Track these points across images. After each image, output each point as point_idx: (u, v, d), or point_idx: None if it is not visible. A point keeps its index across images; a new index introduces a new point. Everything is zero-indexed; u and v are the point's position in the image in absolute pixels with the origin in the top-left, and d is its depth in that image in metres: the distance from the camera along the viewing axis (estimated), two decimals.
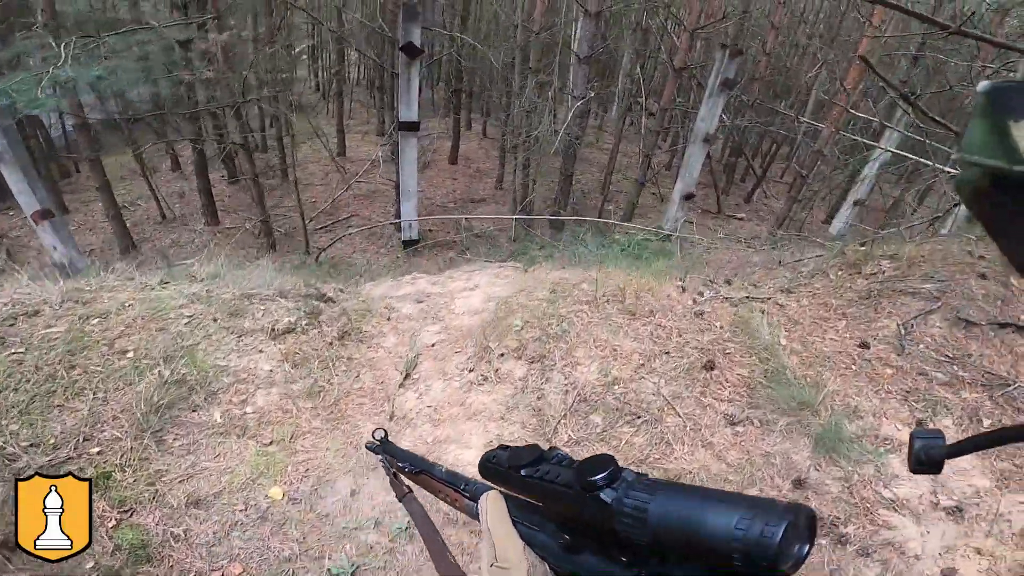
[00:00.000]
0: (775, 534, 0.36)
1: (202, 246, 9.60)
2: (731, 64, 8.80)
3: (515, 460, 0.60)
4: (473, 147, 15.17)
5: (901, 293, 3.99)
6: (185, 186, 11.31)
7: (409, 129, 8.79)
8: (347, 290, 4.71)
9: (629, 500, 0.44)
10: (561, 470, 0.55)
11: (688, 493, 0.42)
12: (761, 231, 12.49)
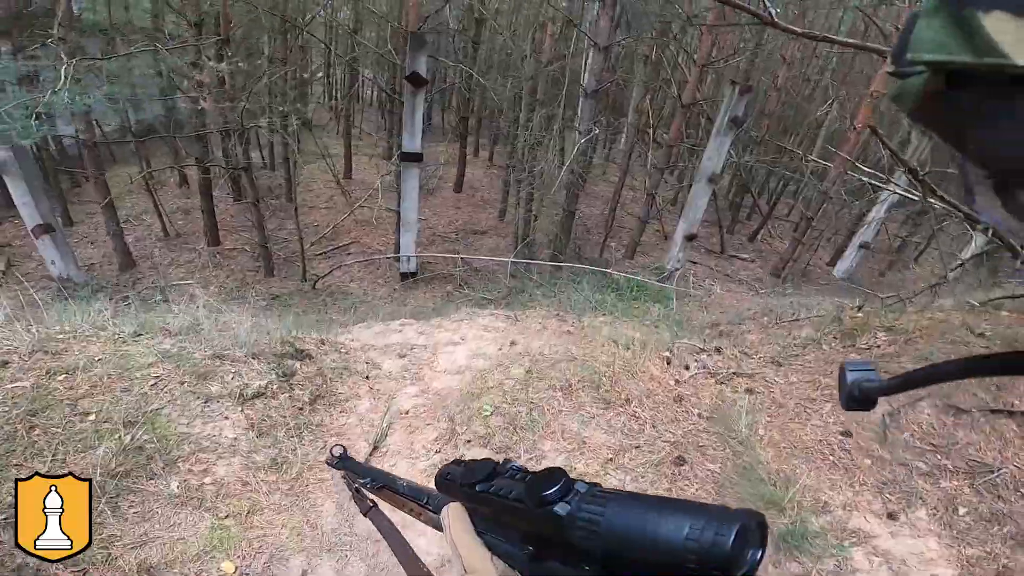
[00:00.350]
0: (727, 539, 0.36)
1: (201, 266, 9.59)
2: (741, 101, 8.71)
3: (468, 476, 0.60)
4: (479, 174, 15.15)
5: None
6: (190, 203, 11.35)
7: (411, 160, 8.75)
8: (328, 342, 4.60)
9: (583, 513, 0.44)
10: (514, 484, 0.54)
11: (641, 502, 0.42)
12: (764, 273, 12.36)
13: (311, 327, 6.57)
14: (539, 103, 9.62)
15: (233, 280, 9.19)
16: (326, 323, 6.91)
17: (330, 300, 8.69)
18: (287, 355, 3.84)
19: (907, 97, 0.31)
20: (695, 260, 12.16)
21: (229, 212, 11.34)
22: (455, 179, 14.01)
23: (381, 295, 9.19)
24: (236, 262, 9.75)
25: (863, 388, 0.45)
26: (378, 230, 11.65)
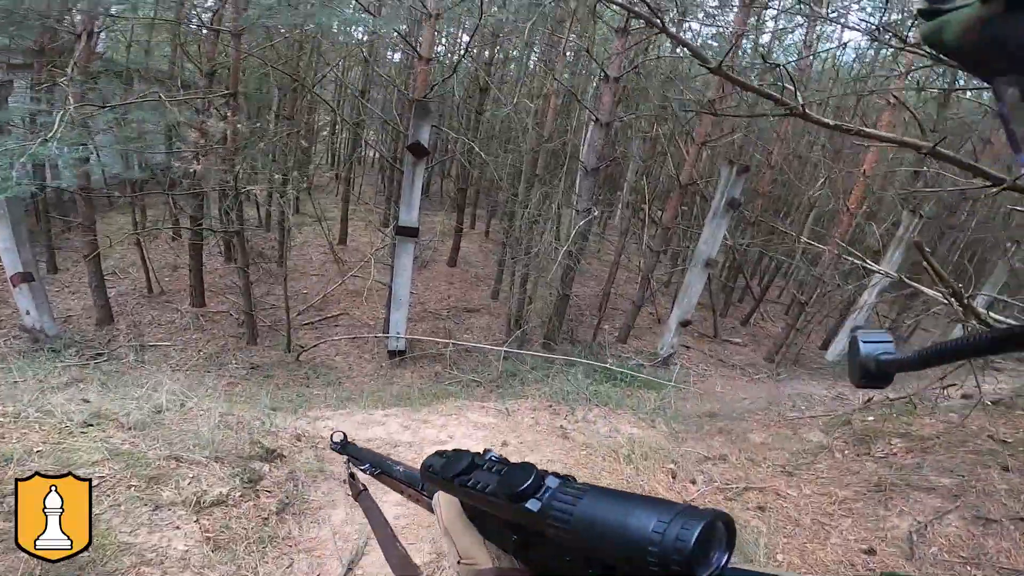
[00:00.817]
0: (690, 536, 0.35)
1: (183, 328, 9.17)
2: (738, 182, 8.66)
3: (447, 470, 0.59)
4: (474, 249, 15.10)
5: (915, 488, 3.56)
6: (180, 259, 11.05)
7: (407, 235, 8.57)
8: (305, 437, 4.18)
9: (555, 506, 0.44)
10: (491, 478, 0.54)
11: (612, 497, 0.42)
12: (757, 358, 12.13)
13: (289, 404, 6.14)
14: (538, 178, 9.66)
15: (214, 345, 8.74)
16: (306, 400, 6.47)
17: (313, 374, 8.24)
18: (255, 457, 3.43)
19: (950, 31, 0.29)
20: (688, 345, 11.99)
21: (218, 272, 11.03)
22: (449, 253, 13.91)
23: (367, 372, 8.76)
24: (219, 326, 9.34)
25: (880, 362, 0.38)
26: (368, 303, 11.35)
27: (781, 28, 11.88)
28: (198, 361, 7.98)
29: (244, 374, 7.78)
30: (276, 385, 7.43)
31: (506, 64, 12.54)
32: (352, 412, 5.73)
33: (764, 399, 8.21)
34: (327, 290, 10.98)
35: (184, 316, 9.35)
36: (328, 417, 5.31)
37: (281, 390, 7.16)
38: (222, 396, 5.47)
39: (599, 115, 7.94)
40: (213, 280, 10.46)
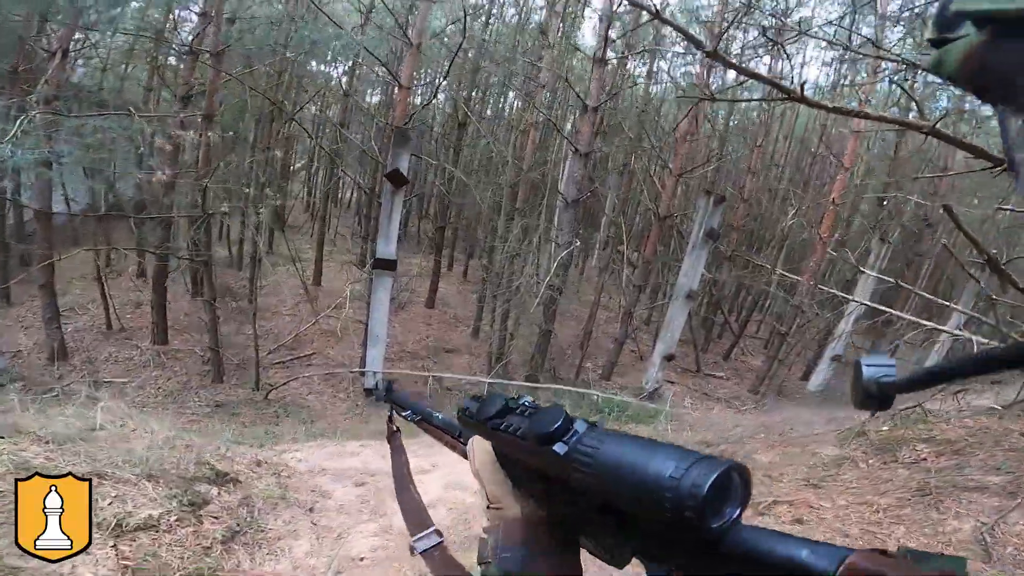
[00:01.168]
0: (705, 483, 0.34)
1: (142, 365, 8.39)
2: (716, 212, 8.58)
3: (482, 412, 0.60)
4: (452, 290, 14.70)
5: (964, 489, 3.22)
6: (144, 296, 10.31)
7: (385, 268, 8.14)
8: (267, 463, 3.57)
9: (580, 449, 0.44)
10: (522, 422, 0.53)
11: (635, 443, 0.41)
12: (741, 391, 11.92)
13: (255, 440, 5.46)
14: (518, 212, 9.44)
15: (175, 383, 8.01)
16: (274, 436, 5.79)
17: (283, 412, 7.54)
18: (201, 479, 2.83)
19: (950, 60, 0.31)
20: (672, 380, 11.74)
21: (184, 310, 10.31)
22: (427, 294, 13.45)
23: (342, 410, 8.09)
24: (182, 364, 8.60)
25: (881, 384, 0.38)
26: (344, 342, 10.75)
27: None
28: (157, 399, 7.25)
29: (207, 411, 7.07)
30: (242, 423, 6.74)
31: (485, 100, 12.62)
32: (323, 444, 5.10)
33: (759, 426, 7.82)
34: (300, 329, 10.33)
35: (144, 353, 8.61)
36: (296, 449, 4.69)
37: (247, 427, 6.48)
38: (177, 426, 4.80)
39: (578, 145, 7.85)
40: (178, 318, 9.76)
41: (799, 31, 3.19)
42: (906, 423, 4.72)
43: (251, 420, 7.07)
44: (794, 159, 13.78)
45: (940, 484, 3.22)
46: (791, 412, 9.46)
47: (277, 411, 7.65)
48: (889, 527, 2.92)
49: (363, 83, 14.09)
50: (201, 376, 8.32)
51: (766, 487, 3.74)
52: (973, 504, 2.96)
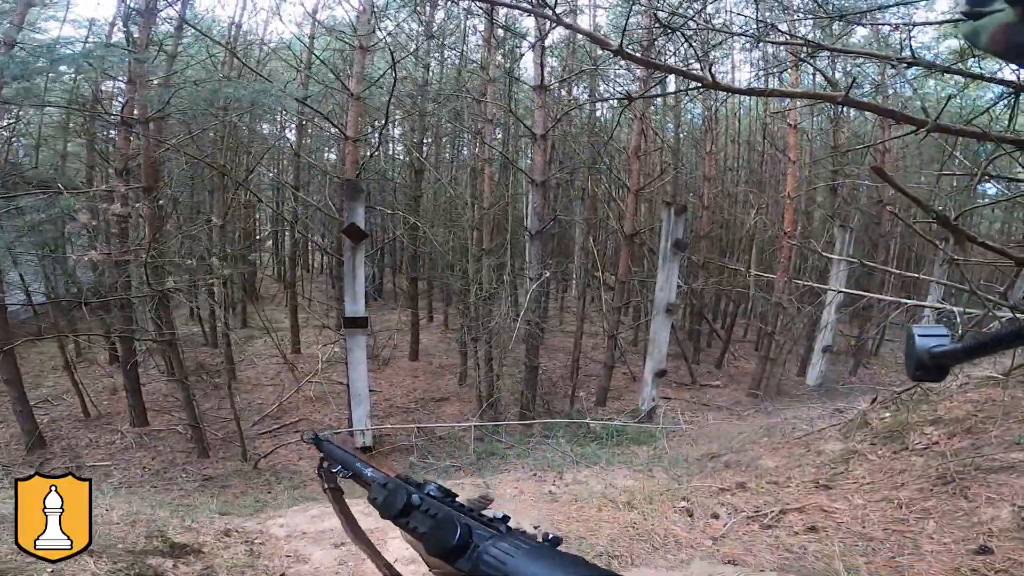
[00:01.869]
0: None
1: (123, 448, 7.96)
2: (679, 223, 8.56)
3: (386, 510, 0.59)
4: (435, 341, 14.41)
5: (989, 472, 2.93)
6: (117, 381, 9.89)
7: (356, 326, 7.89)
8: (237, 532, 3.18)
9: (485, 564, 0.43)
10: (426, 521, 0.53)
11: (545, 557, 0.41)
12: (740, 395, 11.69)
13: (245, 509, 5.05)
14: (485, 252, 9.28)
15: (161, 461, 7.68)
16: (264, 504, 5.39)
17: (274, 480, 7.18)
18: (153, 552, 2.46)
19: (984, 34, 0.33)
20: (668, 396, 11.49)
21: (161, 392, 9.93)
22: (409, 347, 13.12)
23: None
24: (165, 443, 8.26)
25: (935, 354, 0.37)
26: (329, 406, 10.36)
27: None
28: (144, 477, 6.84)
29: (197, 486, 6.72)
30: (233, 494, 6.37)
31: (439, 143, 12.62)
32: (307, 507, 4.71)
33: (761, 429, 7.53)
34: (283, 398, 9.93)
35: (125, 437, 8.31)
36: (280, 515, 4.33)
37: (238, 498, 6.11)
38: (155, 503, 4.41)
39: (534, 176, 7.79)
40: (156, 400, 9.47)
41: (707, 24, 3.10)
42: (908, 405, 4.47)
43: (242, 491, 6.72)
44: (746, 161, 14.01)
45: (961, 468, 2.95)
46: (793, 411, 9.23)
47: (268, 479, 7.28)
48: (917, 523, 2.61)
49: (315, 140, 14.08)
50: (186, 453, 7.97)
51: (772, 495, 3.43)
52: (1004, 487, 2.67)
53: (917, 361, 0.38)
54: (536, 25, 6.79)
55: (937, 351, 0.36)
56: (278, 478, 7.38)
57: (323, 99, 8.90)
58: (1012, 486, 2.67)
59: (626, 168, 9.08)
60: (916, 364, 0.38)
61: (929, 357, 0.37)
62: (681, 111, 11.18)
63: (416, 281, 12.98)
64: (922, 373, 0.38)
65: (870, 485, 3.31)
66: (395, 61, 6.22)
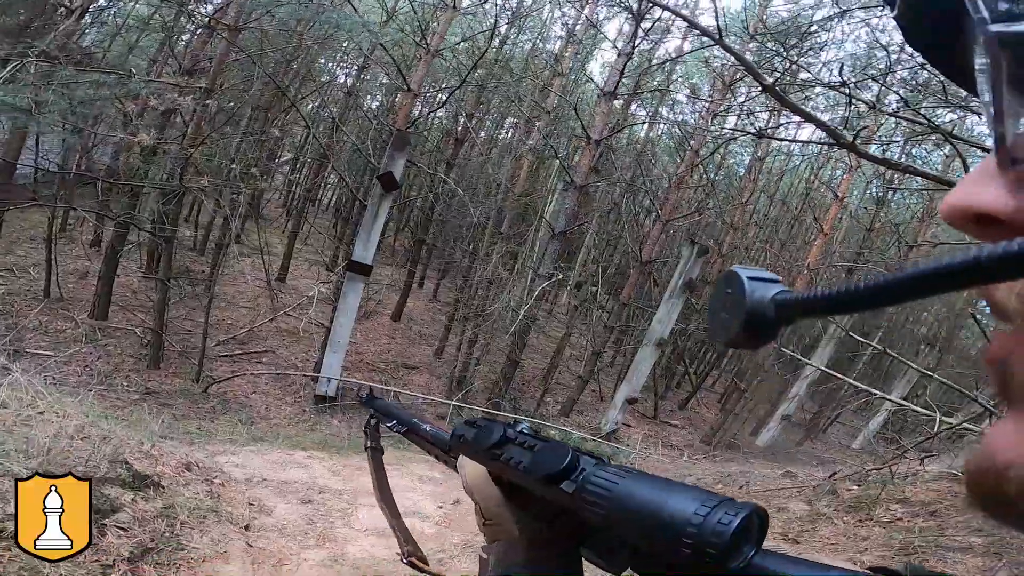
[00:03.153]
0: (730, 525, 0.33)
1: (72, 339, 7.44)
2: (697, 263, 8.47)
3: (479, 442, 0.57)
4: (420, 307, 14.15)
5: (948, 549, 3.17)
6: (93, 266, 9.33)
7: (359, 272, 7.63)
8: (198, 467, 2.98)
9: (591, 486, 0.42)
10: (524, 454, 0.51)
11: (652, 481, 0.40)
12: (694, 440, 11.84)
13: (185, 435, 4.79)
14: (502, 236, 9.10)
15: (106, 363, 7.10)
16: (207, 434, 5.11)
17: (221, 409, 6.80)
18: (114, 480, 2.25)
19: None
20: (630, 423, 11.53)
21: (133, 287, 9.36)
22: (395, 307, 12.87)
23: (287, 414, 7.38)
24: (118, 343, 7.68)
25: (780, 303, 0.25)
26: (300, 344, 10.03)
27: None
28: (82, 377, 6.38)
29: (135, 398, 6.24)
30: (173, 415, 5.97)
31: (483, 120, 12.40)
32: (265, 450, 4.49)
33: (716, 475, 7.64)
34: (256, 324, 9.57)
35: (79, 327, 7.66)
36: (233, 452, 4.10)
37: (178, 421, 5.72)
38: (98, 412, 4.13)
39: (575, 177, 7.63)
40: (124, 295, 8.83)
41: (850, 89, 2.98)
42: (876, 483, 4.67)
43: (184, 413, 6.31)
44: (773, 220, 14.04)
45: (923, 544, 3.16)
46: (740, 465, 9.39)
47: (215, 406, 6.87)
48: None
49: (367, 85, 13.77)
50: (136, 359, 7.44)
51: None
52: (959, 564, 2.87)
53: (750, 314, 0.26)
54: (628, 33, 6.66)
55: (783, 298, 0.25)
56: (225, 407, 6.98)
57: (392, 47, 8.67)
58: (967, 565, 2.84)
59: (662, 194, 8.99)
60: (746, 317, 0.26)
61: (772, 307, 0.25)
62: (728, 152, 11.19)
63: (422, 244, 12.73)
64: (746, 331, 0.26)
65: (835, 545, 3.49)
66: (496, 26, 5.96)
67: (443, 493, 3.98)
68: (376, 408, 1.02)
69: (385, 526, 3.15)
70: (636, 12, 6.09)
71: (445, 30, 6.81)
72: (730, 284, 0.27)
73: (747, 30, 6.84)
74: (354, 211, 11.64)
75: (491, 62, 8.57)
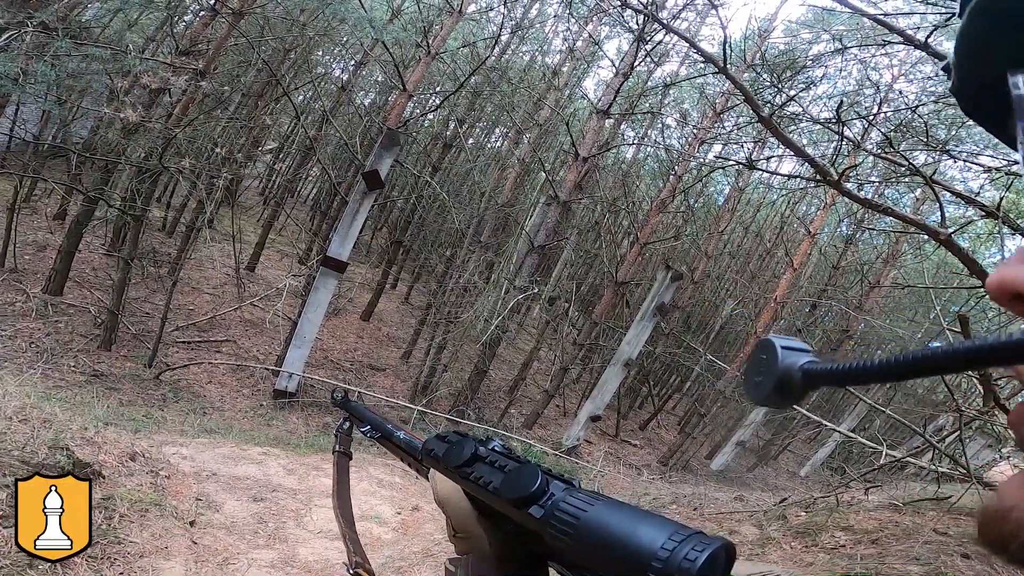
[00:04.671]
0: (698, 559, 0.33)
1: (21, 313, 6.98)
2: (670, 288, 8.55)
3: (449, 458, 0.56)
4: (391, 309, 13.92)
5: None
6: (54, 240, 8.81)
7: (334, 268, 7.44)
8: (144, 458, 2.79)
9: (560, 512, 0.42)
10: (494, 473, 0.51)
11: (623, 510, 0.40)
12: (652, 460, 12.01)
13: (131, 423, 4.51)
14: (481, 245, 9.03)
15: (54, 340, 6.67)
16: (155, 422, 4.81)
17: (173, 397, 6.46)
18: (51, 466, 2.08)
19: None
20: (591, 440, 11.60)
21: (93, 264, 8.88)
22: (366, 306, 12.63)
23: (242, 407, 7.08)
24: (71, 321, 7.25)
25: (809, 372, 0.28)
26: (263, 336, 9.69)
27: None
28: (27, 355, 5.98)
29: (82, 380, 5.87)
30: (119, 400, 5.63)
31: (473, 127, 12.38)
32: (216, 443, 4.28)
33: (670, 496, 7.73)
34: (219, 311, 9.22)
35: (30, 300, 7.21)
36: (182, 443, 3.89)
37: (125, 407, 5.40)
38: (40, 393, 3.86)
39: (560, 192, 7.65)
40: (82, 271, 8.38)
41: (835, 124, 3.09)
42: (822, 511, 4.79)
43: (132, 399, 5.96)
44: (746, 251, 14.40)
45: (864, 571, 3.26)
46: (697, 488, 9.51)
47: (166, 394, 6.53)
48: None
49: (359, 83, 13.62)
50: (88, 339, 7.03)
51: None
52: None
53: (780, 379, 0.29)
54: (629, 54, 6.73)
55: (811, 368, 0.28)
56: (177, 396, 6.64)
57: (393, 45, 8.61)
58: None
59: (642, 217, 9.09)
60: (777, 382, 0.29)
61: (800, 375, 0.28)
62: (710, 180, 11.45)
63: (399, 245, 12.55)
64: (782, 395, 0.29)
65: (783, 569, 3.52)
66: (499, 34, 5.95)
67: (402, 499, 3.86)
68: (350, 411, 1.00)
69: (327, 530, 3.00)
70: (639, 33, 6.20)
71: (448, 34, 6.79)
72: (765, 351, 0.30)
73: (744, 60, 7.07)
74: (334, 206, 11.42)
75: (489, 69, 8.60)
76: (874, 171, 6.99)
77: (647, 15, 4.99)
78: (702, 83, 8.11)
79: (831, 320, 11.39)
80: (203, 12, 7.46)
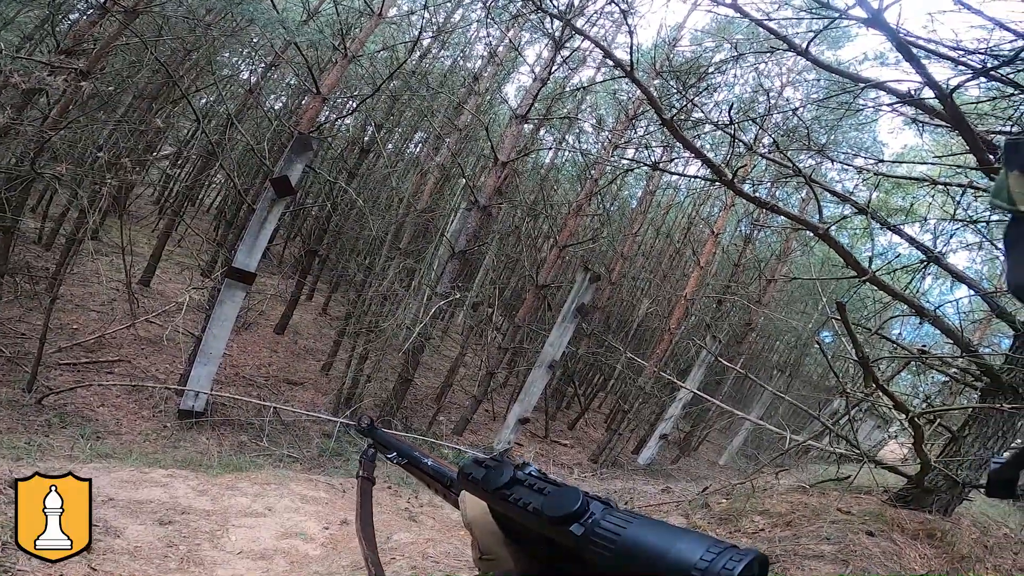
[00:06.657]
0: (734, 570, 0.36)
1: None
2: (589, 289, 8.89)
3: (489, 481, 0.58)
4: (308, 321, 13.36)
5: (803, 557, 3.56)
6: None
7: (240, 279, 7.07)
8: None
9: (600, 530, 0.44)
10: (533, 496, 0.53)
11: (659, 527, 0.42)
12: (582, 459, 12.36)
13: (11, 451, 4.06)
14: (401, 252, 8.95)
15: None
16: (40, 449, 4.35)
17: (58, 422, 5.85)
18: None
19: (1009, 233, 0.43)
20: (521, 443, 11.77)
21: None
22: (279, 319, 12.04)
23: (142, 430, 6.54)
24: None
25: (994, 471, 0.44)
26: (163, 354, 8.97)
27: None
28: None
29: None
30: None
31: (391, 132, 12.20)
32: (113, 467, 3.98)
33: (602, 492, 8.04)
34: (108, 330, 8.43)
35: None
36: (76, 467, 3.56)
37: (3, 435, 4.84)
38: None
39: (479, 197, 7.79)
40: None
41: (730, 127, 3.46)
42: (740, 497, 5.13)
43: (10, 426, 5.33)
44: (658, 252, 15.35)
45: (783, 552, 3.53)
46: (627, 483, 9.96)
47: (50, 420, 5.88)
48: None
49: (269, 86, 12.98)
50: None
51: None
52: (814, 571, 3.25)
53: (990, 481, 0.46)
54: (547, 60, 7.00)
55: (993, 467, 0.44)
56: (64, 422, 5.99)
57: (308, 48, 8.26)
58: (820, 571, 3.20)
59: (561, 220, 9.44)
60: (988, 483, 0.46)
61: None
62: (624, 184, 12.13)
63: (314, 254, 12.10)
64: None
65: None
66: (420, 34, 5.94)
67: (329, 513, 3.78)
68: (376, 439, 1.02)
69: (265, 548, 2.92)
70: (558, 39, 6.51)
71: (367, 36, 6.70)
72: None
73: (654, 67, 7.58)
74: (240, 215, 10.82)
75: (408, 73, 8.56)
76: (767, 173, 7.80)
77: (564, 21, 5.27)
78: (615, 88, 8.62)
79: (735, 314, 12.46)
80: (91, 11, 6.85)
